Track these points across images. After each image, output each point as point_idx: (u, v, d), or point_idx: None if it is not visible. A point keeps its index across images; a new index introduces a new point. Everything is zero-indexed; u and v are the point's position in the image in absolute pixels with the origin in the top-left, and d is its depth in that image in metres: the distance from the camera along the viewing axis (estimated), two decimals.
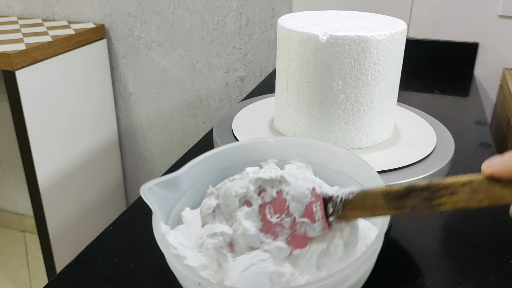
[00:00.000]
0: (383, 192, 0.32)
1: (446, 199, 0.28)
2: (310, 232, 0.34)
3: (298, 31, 0.50)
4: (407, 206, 0.30)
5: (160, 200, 0.38)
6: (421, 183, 0.29)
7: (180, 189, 0.40)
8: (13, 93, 1.08)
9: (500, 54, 1.05)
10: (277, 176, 0.35)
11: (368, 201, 0.32)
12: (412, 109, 0.63)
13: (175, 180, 0.39)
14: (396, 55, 0.51)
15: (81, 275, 0.48)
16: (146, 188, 0.37)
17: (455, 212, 0.59)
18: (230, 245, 0.36)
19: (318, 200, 0.33)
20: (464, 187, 0.28)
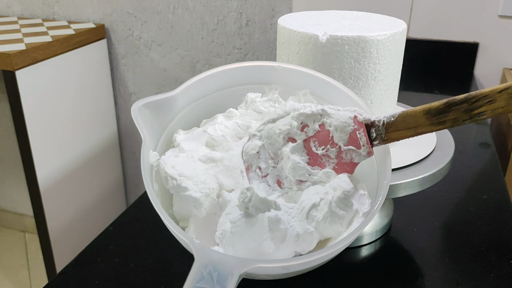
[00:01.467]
0: (424, 110, 0.33)
1: (486, 107, 0.30)
2: (357, 158, 0.35)
3: (298, 31, 0.50)
4: (448, 120, 0.32)
5: (151, 123, 0.35)
6: (460, 96, 0.31)
7: (173, 110, 0.37)
8: (13, 93, 1.08)
9: (500, 54, 1.05)
10: (319, 110, 0.36)
11: (409, 121, 0.33)
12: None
13: (170, 99, 0.37)
14: (396, 55, 0.51)
15: (81, 275, 0.48)
16: (136, 108, 0.34)
17: (455, 212, 0.59)
18: (278, 183, 0.36)
19: (361, 127, 0.35)
20: (501, 94, 0.29)
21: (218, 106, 0.40)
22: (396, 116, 0.34)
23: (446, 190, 0.63)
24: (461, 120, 0.31)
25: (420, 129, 0.33)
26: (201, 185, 0.34)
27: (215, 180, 0.35)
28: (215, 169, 0.36)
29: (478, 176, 0.67)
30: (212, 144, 0.38)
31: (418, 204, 0.61)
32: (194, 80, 0.38)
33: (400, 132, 0.34)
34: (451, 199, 0.62)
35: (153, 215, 0.59)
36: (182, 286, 0.27)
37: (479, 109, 0.30)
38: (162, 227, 0.56)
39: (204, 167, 0.35)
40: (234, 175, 0.36)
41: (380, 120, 0.34)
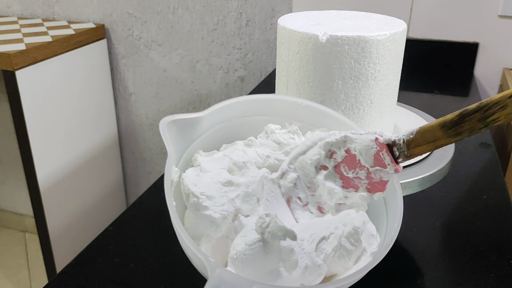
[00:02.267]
0: (439, 124, 0.34)
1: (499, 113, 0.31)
2: (385, 177, 0.37)
3: (298, 31, 0.50)
4: (464, 130, 0.33)
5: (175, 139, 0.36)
6: (471, 106, 0.32)
7: (198, 131, 0.38)
8: (13, 93, 1.08)
9: (500, 54, 1.05)
10: (342, 137, 0.38)
11: (428, 136, 0.35)
12: (412, 109, 0.63)
13: (197, 120, 0.38)
14: (396, 55, 0.51)
15: (81, 275, 0.48)
16: (165, 123, 0.35)
17: (455, 212, 0.59)
18: (319, 209, 0.38)
19: (383, 147, 0.36)
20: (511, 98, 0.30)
21: (239, 133, 0.41)
22: (414, 133, 0.36)
23: (446, 190, 0.63)
24: (478, 129, 0.32)
25: (439, 142, 0.35)
26: (220, 207, 0.35)
27: (232, 204, 0.36)
28: (234, 193, 0.37)
29: (478, 176, 0.67)
30: (232, 169, 0.39)
31: (418, 204, 0.61)
32: (222, 105, 0.40)
33: (421, 147, 0.36)
34: (451, 199, 0.62)
35: (153, 215, 0.59)
36: (182, 286, 0.27)
37: (493, 116, 0.31)
38: (162, 227, 0.56)
39: (223, 189, 0.37)
40: (251, 201, 0.37)
41: (400, 138, 0.36)
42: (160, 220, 0.58)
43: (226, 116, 0.41)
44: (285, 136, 0.41)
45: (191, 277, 0.47)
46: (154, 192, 0.63)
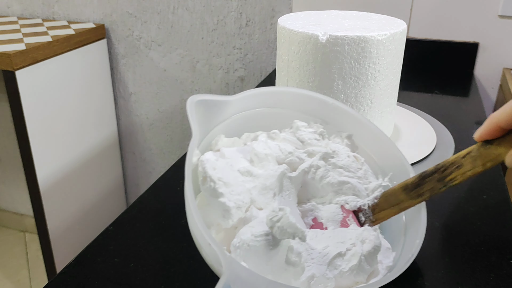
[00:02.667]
0: (401, 187, 0.35)
1: (455, 173, 0.32)
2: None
3: (298, 31, 0.50)
4: (425, 191, 0.33)
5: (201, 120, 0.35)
6: (430, 168, 0.32)
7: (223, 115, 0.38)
8: (13, 93, 1.07)
9: (500, 54, 1.05)
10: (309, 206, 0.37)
11: (391, 199, 0.35)
12: (412, 109, 0.63)
13: (224, 103, 0.37)
14: (396, 55, 0.51)
15: (81, 275, 0.48)
16: (193, 101, 0.35)
17: (455, 212, 0.59)
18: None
19: (349, 213, 0.36)
20: (465, 158, 0.31)
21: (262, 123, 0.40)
22: (379, 198, 0.36)
23: (446, 190, 0.63)
24: (437, 189, 0.33)
25: (403, 205, 0.35)
26: (236, 196, 0.34)
27: (248, 195, 0.35)
28: (251, 183, 0.36)
29: (478, 176, 0.67)
30: (253, 159, 0.38)
31: None
32: (252, 93, 0.39)
33: (386, 211, 0.35)
34: (451, 199, 0.62)
35: (153, 215, 0.59)
36: (182, 286, 0.27)
37: (450, 176, 0.32)
38: (162, 227, 0.56)
39: (241, 178, 0.35)
40: (268, 195, 0.36)
41: (365, 204, 0.36)
42: (160, 220, 0.58)
43: (254, 104, 0.40)
44: (310, 135, 0.40)
45: (191, 277, 0.47)
46: (154, 192, 0.63)
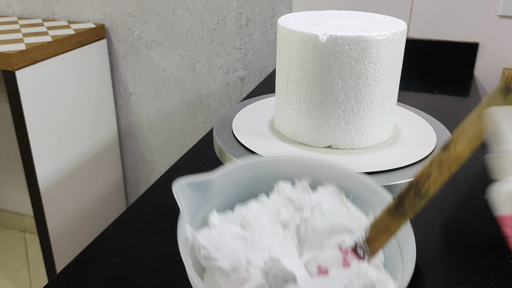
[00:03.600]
0: (385, 211, 0.35)
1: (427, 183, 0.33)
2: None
3: (298, 31, 0.50)
4: (407, 209, 0.34)
5: (189, 201, 0.38)
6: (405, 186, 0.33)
7: (210, 192, 0.40)
8: (13, 93, 1.08)
9: (500, 54, 1.05)
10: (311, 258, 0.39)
11: (380, 227, 0.35)
12: (412, 109, 0.63)
13: (208, 183, 0.39)
14: (396, 55, 0.51)
15: (81, 275, 0.48)
16: (179, 186, 0.37)
17: (455, 212, 0.59)
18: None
19: (347, 252, 0.37)
20: (431, 167, 0.32)
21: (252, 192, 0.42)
22: (369, 228, 0.36)
23: (446, 190, 0.63)
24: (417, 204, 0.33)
25: (392, 228, 0.35)
26: (230, 258, 0.36)
27: (243, 256, 0.36)
28: (245, 246, 0.37)
29: (478, 176, 0.67)
30: (243, 224, 0.39)
31: None
32: (231, 168, 0.41)
33: (378, 239, 0.36)
34: (451, 199, 0.62)
35: (153, 215, 0.59)
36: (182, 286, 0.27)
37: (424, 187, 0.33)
38: (162, 227, 0.56)
39: (234, 243, 0.37)
40: (263, 253, 0.37)
41: (359, 238, 0.36)
42: (160, 220, 0.58)
43: (237, 177, 0.42)
44: (295, 192, 0.42)
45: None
46: (154, 192, 0.63)
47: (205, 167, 0.70)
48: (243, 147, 0.52)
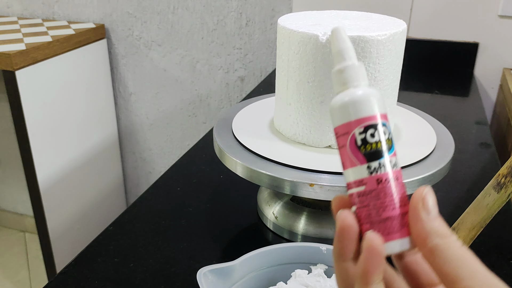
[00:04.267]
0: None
1: None
2: None
3: (298, 31, 0.50)
4: None
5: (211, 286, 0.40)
6: None
7: (231, 279, 0.42)
8: (13, 93, 1.07)
9: (500, 54, 1.05)
10: None
11: None
12: (412, 109, 0.63)
13: (229, 269, 0.42)
14: (396, 55, 0.51)
15: (81, 275, 0.48)
16: (202, 273, 0.40)
17: (455, 212, 0.59)
18: None
19: None
20: None
21: (271, 280, 0.44)
22: None
23: (446, 190, 0.63)
24: None
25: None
26: None
27: None
28: None
29: (478, 176, 0.67)
30: None
31: None
32: (250, 255, 0.43)
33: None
34: (451, 199, 0.62)
35: (153, 215, 0.59)
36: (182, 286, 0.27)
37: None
38: (162, 227, 0.56)
39: None
40: None
41: None
42: (160, 220, 0.58)
43: (256, 264, 0.44)
44: (311, 279, 0.44)
45: (191, 277, 0.47)
46: (154, 192, 0.63)
47: (205, 167, 0.70)
48: (243, 147, 0.52)
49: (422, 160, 0.50)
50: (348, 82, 0.26)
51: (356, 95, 0.25)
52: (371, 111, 0.25)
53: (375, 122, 0.25)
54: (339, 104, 0.25)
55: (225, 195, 0.64)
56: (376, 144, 0.25)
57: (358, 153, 0.25)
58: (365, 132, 0.25)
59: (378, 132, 0.25)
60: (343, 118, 0.25)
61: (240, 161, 0.49)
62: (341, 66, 0.26)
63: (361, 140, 0.25)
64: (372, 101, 0.25)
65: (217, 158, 0.54)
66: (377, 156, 0.25)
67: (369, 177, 0.25)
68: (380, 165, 0.25)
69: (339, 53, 0.27)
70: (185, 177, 0.67)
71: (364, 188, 0.25)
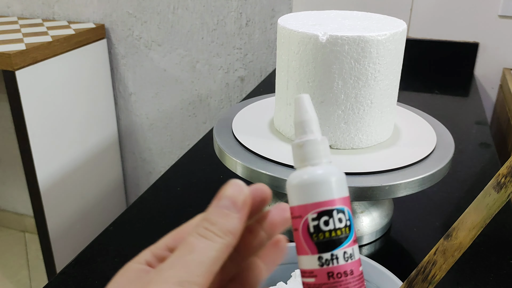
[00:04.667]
0: None
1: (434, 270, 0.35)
2: None
3: (298, 31, 0.50)
4: None
5: None
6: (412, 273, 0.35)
7: None
8: (13, 93, 1.07)
9: (500, 54, 1.05)
10: None
11: None
12: (412, 109, 0.63)
13: None
14: (396, 55, 0.51)
15: (81, 275, 0.48)
16: None
17: (455, 211, 0.59)
18: None
19: None
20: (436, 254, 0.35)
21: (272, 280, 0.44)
22: None
23: (446, 190, 0.63)
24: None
25: None
26: None
27: None
28: None
29: (478, 176, 0.67)
30: None
31: (418, 204, 0.61)
32: None
33: None
34: (451, 199, 0.62)
35: (153, 215, 0.59)
36: None
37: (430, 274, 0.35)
38: (162, 227, 0.56)
39: None
40: None
41: None
42: (160, 220, 0.58)
43: None
44: None
45: None
46: (154, 193, 0.63)
47: (205, 167, 0.70)
48: (243, 147, 0.52)
49: (422, 160, 0.49)
50: (306, 159, 0.24)
51: (313, 176, 0.23)
52: (328, 195, 0.23)
53: (330, 208, 0.23)
54: (295, 183, 0.23)
55: None
56: (330, 233, 0.22)
57: (309, 241, 0.23)
58: (319, 218, 0.22)
59: (333, 220, 0.22)
60: (298, 199, 0.23)
61: (240, 161, 0.49)
62: (301, 140, 0.24)
63: (314, 227, 0.22)
64: (331, 184, 0.23)
65: (217, 158, 0.53)
66: (330, 246, 0.22)
67: (319, 270, 0.23)
68: (332, 257, 0.22)
69: (299, 125, 0.25)
70: (185, 177, 0.67)
71: (314, 281, 0.23)
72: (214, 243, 0.21)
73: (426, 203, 0.61)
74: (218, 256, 0.21)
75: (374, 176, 0.47)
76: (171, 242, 0.24)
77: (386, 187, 0.46)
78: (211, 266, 0.21)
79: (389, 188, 0.46)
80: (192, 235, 0.22)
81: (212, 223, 0.22)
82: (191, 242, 0.21)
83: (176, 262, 0.21)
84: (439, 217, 0.58)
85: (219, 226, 0.22)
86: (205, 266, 0.21)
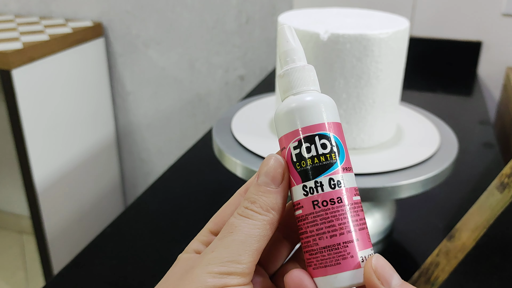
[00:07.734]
0: None
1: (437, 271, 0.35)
2: None
3: (299, 29, 0.49)
4: None
5: None
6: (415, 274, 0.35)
7: None
8: (10, 93, 1.07)
9: (504, 53, 1.04)
10: None
11: None
12: (415, 108, 0.62)
13: None
14: (398, 54, 0.50)
15: (78, 277, 0.47)
16: None
17: (458, 213, 0.58)
18: None
19: None
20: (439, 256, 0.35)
21: None
22: None
23: (449, 191, 0.62)
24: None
25: None
26: None
27: None
28: None
29: (482, 177, 0.66)
30: None
31: (421, 205, 0.60)
32: None
33: None
34: (454, 200, 0.61)
35: (151, 217, 0.58)
36: None
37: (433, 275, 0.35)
38: (160, 229, 0.55)
39: None
40: None
41: None
42: (158, 222, 0.57)
43: None
44: None
45: None
46: (152, 194, 0.63)
47: (204, 167, 0.69)
48: (242, 147, 0.51)
49: (425, 161, 0.49)
50: (289, 89, 0.23)
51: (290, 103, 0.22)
52: (308, 121, 0.22)
53: (310, 134, 0.21)
54: (275, 114, 0.23)
55: (224, 196, 0.63)
56: (312, 160, 0.21)
57: (294, 170, 0.22)
58: (299, 146, 0.21)
59: (316, 146, 0.21)
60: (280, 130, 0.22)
61: (239, 161, 0.48)
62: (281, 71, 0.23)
63: (296, 155, 0.22)
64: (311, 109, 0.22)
65: (216, 159, 0.53)
66: (313, 174, 0.21)
67: (305, 199, 0.21)
68: (316, 185, 0.21)
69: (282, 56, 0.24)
70: (184, 178, 0.66)
71: (301, 212, 0.22)
72: (255, 221, 0.21)
73: (429, 204, 0.60)
74: (261, 234, 0.21)
75: (376, 177, 0.46)
76: (213, 227, 0.25)
77: (389, 188, 0.45)
78: (254, 244, 0.21)
79: (391, 189, 0.45)
80: (234, 216, 0.22)
81: (252, 201, 0.22)
82: (232, 223, 0.22)
83: (218, 244, 0.21)
84: (442, 218, 0.57)
85: (260, 203, 0.22)
86: (248, 245, 0.21)
